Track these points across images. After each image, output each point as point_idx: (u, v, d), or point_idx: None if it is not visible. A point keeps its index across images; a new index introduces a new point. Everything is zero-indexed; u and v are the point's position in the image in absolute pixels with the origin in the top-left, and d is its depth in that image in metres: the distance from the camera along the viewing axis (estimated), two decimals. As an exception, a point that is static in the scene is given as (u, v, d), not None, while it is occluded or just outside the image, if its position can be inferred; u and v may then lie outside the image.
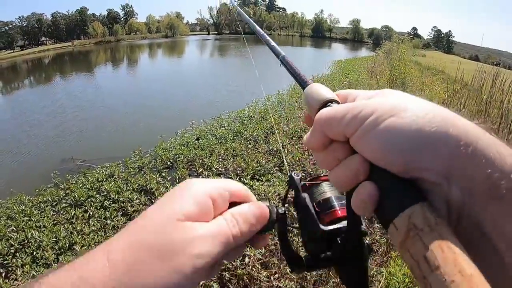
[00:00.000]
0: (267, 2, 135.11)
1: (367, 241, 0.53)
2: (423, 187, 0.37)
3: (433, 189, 0.36)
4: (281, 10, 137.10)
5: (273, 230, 0.56)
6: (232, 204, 0.52)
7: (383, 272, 3.36)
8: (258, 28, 0.94)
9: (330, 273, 3.32)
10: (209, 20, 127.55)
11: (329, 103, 0.49)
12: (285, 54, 0.71)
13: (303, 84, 0.58)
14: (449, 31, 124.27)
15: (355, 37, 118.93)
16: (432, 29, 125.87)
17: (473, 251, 0.32)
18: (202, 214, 0.46)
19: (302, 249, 0.53)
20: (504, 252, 0.33)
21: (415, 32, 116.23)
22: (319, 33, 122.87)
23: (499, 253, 0.34)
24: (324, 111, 0.45)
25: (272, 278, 3.29)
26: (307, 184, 0.60)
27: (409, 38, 17.04)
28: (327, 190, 0.57)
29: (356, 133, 0.40)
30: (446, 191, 0.35)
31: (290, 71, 0.66)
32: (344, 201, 0.55)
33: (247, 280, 3.31)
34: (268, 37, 0.83)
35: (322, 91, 0.52)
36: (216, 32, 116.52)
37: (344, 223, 0.53)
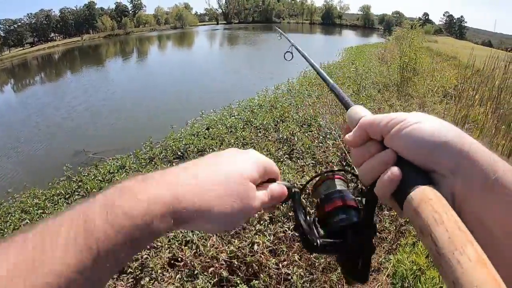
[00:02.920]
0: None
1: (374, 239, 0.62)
2: (436, 179, 0.48)
3: (443, 181, 0.47)
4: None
5: (288, 203, 0.69)
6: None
7: (391, 259, 3.36)
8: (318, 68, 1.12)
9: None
10: (217, 10, 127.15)
11: None
12: (333, 83, 0.90)
13: (347, 105, 0.72)
14: (461, 16, 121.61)
15: (366, 23, 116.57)
16: (443, 15, 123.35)
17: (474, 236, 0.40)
18: (257, 178, 0.60)
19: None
20: (500, 236, 0.43)
21: (426, 17, 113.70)
22: (329, 20, 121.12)
23: (495, 237, 0.43)
24: (368, 117, 0.59)
25: (280, 265, 3.30)
26: (322, 179, 0.72)
27: (419, 24, 16.67)
28: (337, 184, 0.70)
29: (390, 133, 0.53)
30: (452, 183, 0.46)
31: (338, 96, 0.81)
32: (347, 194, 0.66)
33: (256, 268, 3.31)
34: (330, 80, 0.96)
35: (362, 110, 0.65)
36: (225, 22, 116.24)
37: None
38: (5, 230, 4.49)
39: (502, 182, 0.43)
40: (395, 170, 0.50)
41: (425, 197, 0.44)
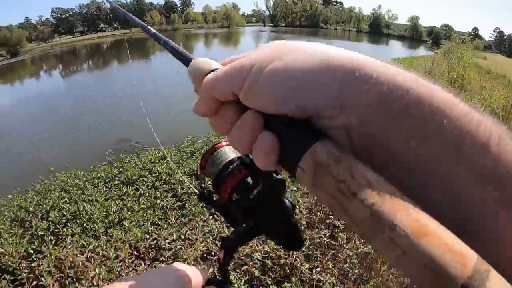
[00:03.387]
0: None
1: (289, 199, 0.52)
2: (322, 124, 0.36)
3: (331, 124, 0.36)
4: (338, 4, 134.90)
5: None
6: None
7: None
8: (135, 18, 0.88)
9: (372, 272, 3.25)
10: (265, 12, 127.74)
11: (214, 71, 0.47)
12: (166, 38, 0.67)
13: (186, 61, 0.55)
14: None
15: (414, 35, 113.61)
16: (494, 30, 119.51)
17: (392, 176, 0.32)
18: None
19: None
20: (416, 168, 0.33)
21: (476, 32, 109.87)
22: (376, 29, 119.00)
23: (413, 170, 0.33)
24: (209, 75, 0.45)
25: (314, 271, 3.24)
26: (207, 157, 0.60)
27: (469, 39, 16.15)
28: (228, 151, 0.58)
29: (243, 88, 0.40)
30: (344, 122, 0.35)
31: (171, 50, 0.61)
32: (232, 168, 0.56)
33: (289, 271, 3.27)
34: (147, 26, 0.80)
35: (207, 62, 0.50)
36: (272, 24, 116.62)
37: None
38: (43, 205, 4.60)
39: (409, 100, 0.32)
40: (265, 139, 0.38)
41: (318, 164, 0.33)
